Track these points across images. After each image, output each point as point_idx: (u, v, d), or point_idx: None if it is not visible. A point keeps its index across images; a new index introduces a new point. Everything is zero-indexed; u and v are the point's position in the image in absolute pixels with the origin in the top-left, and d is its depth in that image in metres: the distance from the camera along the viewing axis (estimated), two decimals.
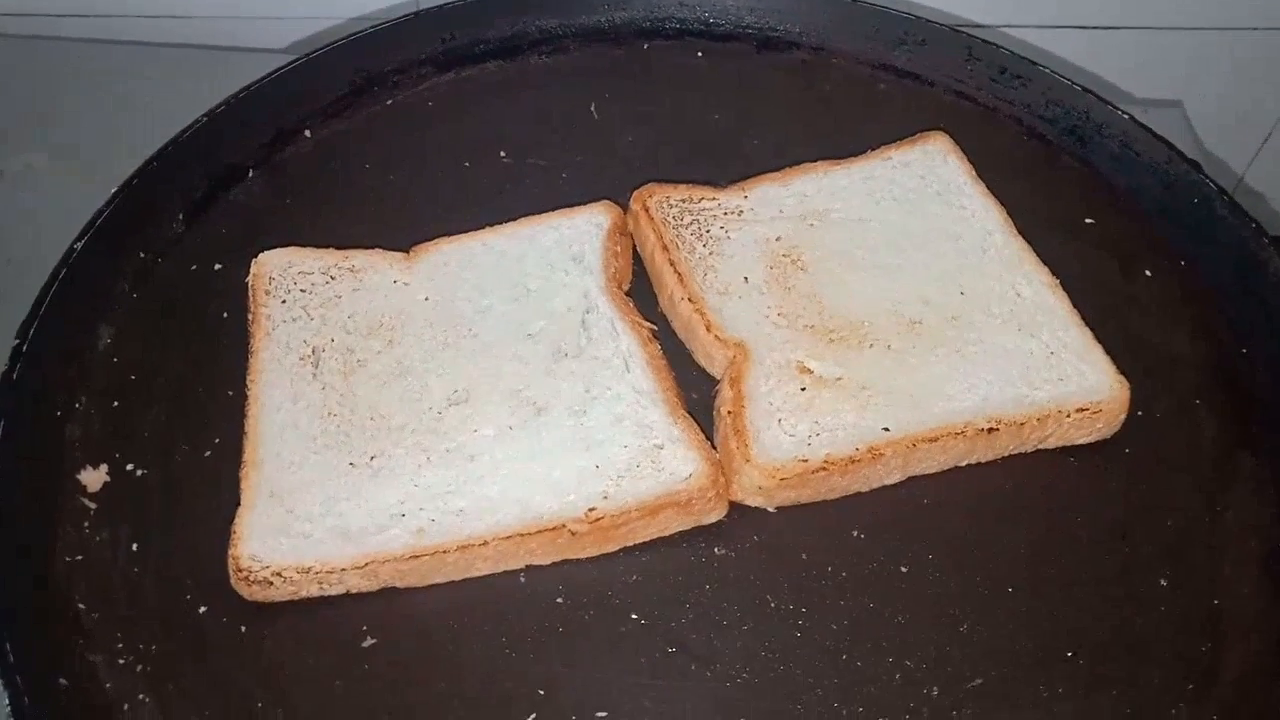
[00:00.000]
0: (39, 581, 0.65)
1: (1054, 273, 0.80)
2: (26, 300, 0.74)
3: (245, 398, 0.73)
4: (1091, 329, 0.77)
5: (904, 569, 0.68)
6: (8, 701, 0.59)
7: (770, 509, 0.71)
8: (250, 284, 0.78)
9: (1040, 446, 0.74)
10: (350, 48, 0.94)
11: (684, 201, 0.84)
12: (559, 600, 0.67)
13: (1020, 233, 0.82)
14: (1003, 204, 0.84)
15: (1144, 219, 0.87)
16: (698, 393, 0.76)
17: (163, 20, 1.14)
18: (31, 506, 0.68)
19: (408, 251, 0.81)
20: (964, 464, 0.73)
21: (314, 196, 0.88)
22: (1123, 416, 0.74)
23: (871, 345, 0.75)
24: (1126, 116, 0.90)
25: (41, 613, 0.64)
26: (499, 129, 0.92)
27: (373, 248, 0.81)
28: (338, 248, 0.81)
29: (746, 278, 0.79)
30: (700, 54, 1.01)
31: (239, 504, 0.68)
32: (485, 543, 0.66)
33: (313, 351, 0.75)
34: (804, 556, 0.69)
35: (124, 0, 1.13)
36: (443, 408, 0.72)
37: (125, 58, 1.12)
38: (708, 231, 0.82)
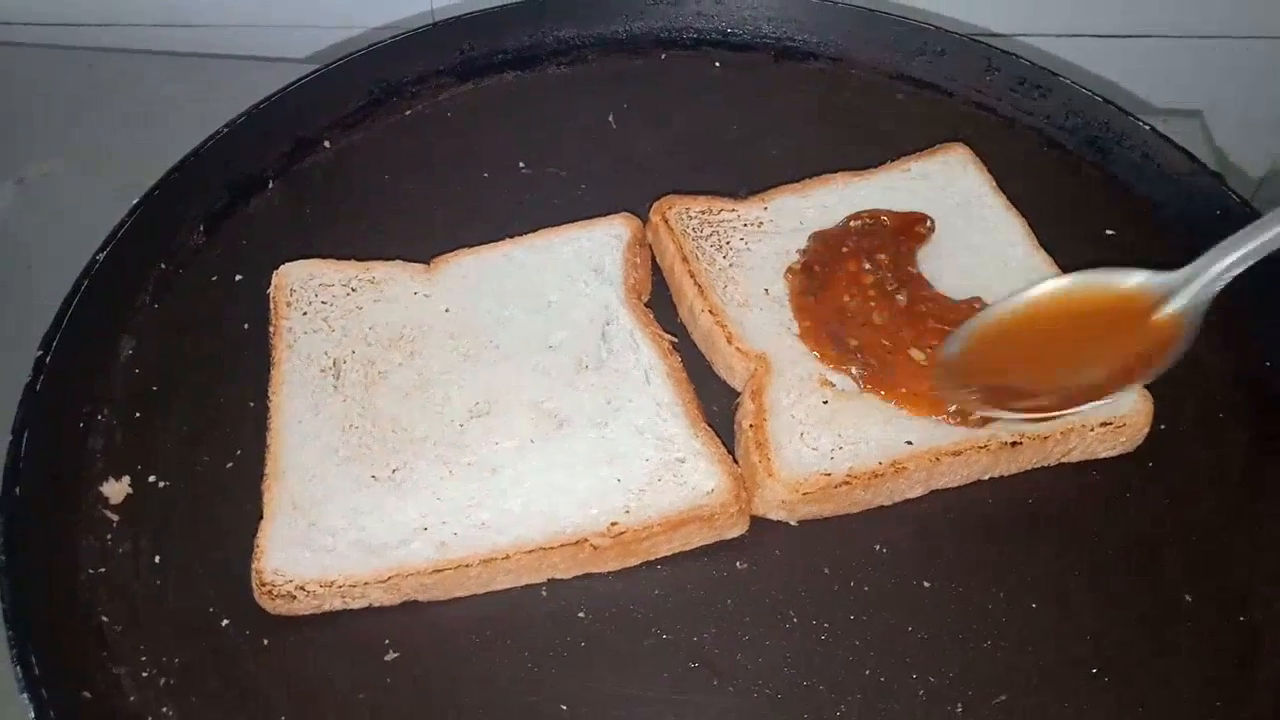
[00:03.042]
0: (62, 594, 0.66)
1: None
2: (48, 310, 0.75)
3: (267, 409, 0.73)
4: None
5: (927, 584, 0.68)
6: (32, 715, 0.59)
7: (792, 523, 0.70)
8: (271, 295, 0.78)
9: (1063, 460, 0.73)
10: (368, 58, 0.94)
11: (704, 213, 0.84)
12: (581, 614, 0.66)
13: (1041, 244, 0.82)
14: (1023, 215, 0.84)
15: (1165, 230, 0.87)
16: (718, 405, 0.76)
17: (182, 29, 1.15)
18: (54, 518, 0.68)
19: (428, 263, 0.81)
20: (986, 478, 0.73)
21: (333, 207, 0.88)
22: (1146, 430, 0.73)
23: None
24: (1148, 128, 0.89)
25: (64, 625, 0.64)
26: (517, 139, 0.93)
27: (392, 258, 0.81)
28: (357, 259, 0.81)
29: (767, 290, 0.79)
30: (718, 64, 1.00)
31: (261, 516, 0.68)
32: (507, 556, 0.66)
33: (334, 363, 0.75)
34: (826, 571, 0.68)
35: (144, 10, 1.13)
36: (464, 420, 0.72)
37: (145, 67, 1.12)
38: (728, 243, 0.82)
